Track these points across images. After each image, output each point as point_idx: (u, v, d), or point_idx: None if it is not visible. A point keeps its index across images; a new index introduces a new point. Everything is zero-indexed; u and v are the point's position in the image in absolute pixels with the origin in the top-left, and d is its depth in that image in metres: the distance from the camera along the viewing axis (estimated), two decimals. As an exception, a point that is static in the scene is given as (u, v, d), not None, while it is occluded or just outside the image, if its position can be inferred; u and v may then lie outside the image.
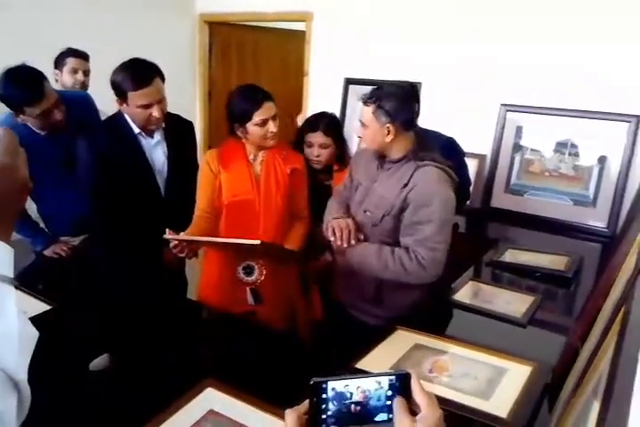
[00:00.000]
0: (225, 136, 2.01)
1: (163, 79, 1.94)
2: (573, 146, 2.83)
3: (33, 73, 1.90)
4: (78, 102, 2.18)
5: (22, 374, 0.56)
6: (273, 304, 1.98)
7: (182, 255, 1.75)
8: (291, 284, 2.06)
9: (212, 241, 1.82)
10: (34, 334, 0.61)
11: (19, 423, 0.56)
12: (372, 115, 1.64)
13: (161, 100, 1.93)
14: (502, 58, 2.94)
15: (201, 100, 4.31)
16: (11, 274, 0.61)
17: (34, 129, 2.01)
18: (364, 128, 1.69)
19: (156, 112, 1.90)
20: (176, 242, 1.70)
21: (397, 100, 1.64)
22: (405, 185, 1.65)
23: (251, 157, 1.95)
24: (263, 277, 1.94)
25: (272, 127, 1.86)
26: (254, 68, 4.48)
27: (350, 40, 3.48)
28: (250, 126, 1.85)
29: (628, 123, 2.67)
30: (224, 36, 4.28)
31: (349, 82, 3.52)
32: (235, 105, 1.89)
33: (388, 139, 1.66)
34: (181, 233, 1.73)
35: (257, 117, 1.83)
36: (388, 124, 1.63)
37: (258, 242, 1.63)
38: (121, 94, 1.89)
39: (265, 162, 1.95)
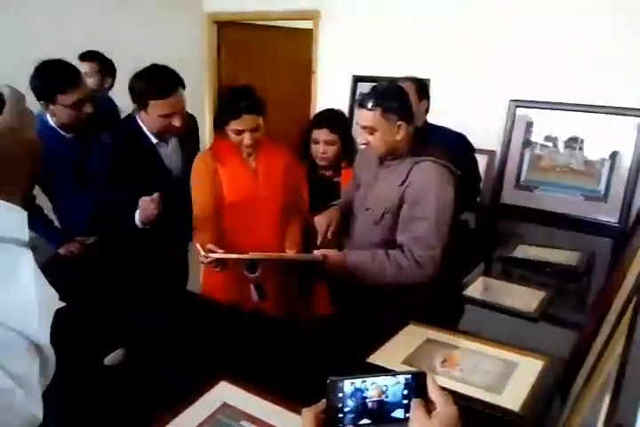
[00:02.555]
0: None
1: (184, 87, 1.89)
2: (584, 141, 2.82)
3: (69, 65, 1.93)
4: (100, 103, 2.19)
5: (44, 338, 0.56)
6: (277, 299, 1.99)
7: (217, 269, 1.75)
8: (292, 279, 2.07)
9: (269, 257, 1.75)
10: (53, 295, 0.61)
11: (42, 388, 0.57)
12: (380, 118, 1.63)
13: (182, 109, 1.89)
14: (511, 53, 2.93)
15: (210, 100, 4.34)
16: (25, 237, 0.60)
17: (59, 131, 2.02)
18: (370, 133, 1.67)
19: (177, 122, 1.87)
20: (214, 258, 1.68)
21: (399, 97, 1.67)
22: (404, 182, 1.66)
23: (244, 154, 1.94)
24: (266, 273, 1.93)
25: (246, 139, 1.82)
26: (263, 67, 4.49)
27: (358, 38, 3.48)
28: (227, 130, 1.84)
29: (639, 117, 2.66)
30: (232, 36, 4.29)
31: (358, 79, 3.52)
32: (219, 106, 1.88)
33: (399, 136, 1.66)
34: (209, 245, 1.72)
35: (233, 126, 1.81)
36: (399, 122, 1.64)
37: (321, 257, 1.63)
38: (141, 102, 1.84)
39: (259, 157, 1.95)
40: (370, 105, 1.64)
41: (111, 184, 1.92)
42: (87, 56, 2.91)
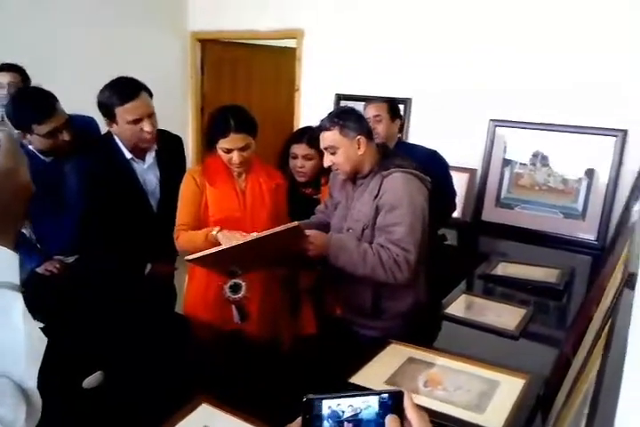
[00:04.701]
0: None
1: (150, 94, 1.93)
2: (562, 160, 2.87)
3: (44, 93, 1.94)
4: (84, 126, 2.18)
5: (31, 382, 0.56)
6: (259, 321, 1.95)
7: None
8: (276, 299, 2.05)
9: (248, 241, 1.59)
10: (41, 338, 0.61)
11: None
12: (339, 135, 1.72)
13: (151, 115, 1.91)
14: (491, 74, 2.99)
15: (193, 117, 4.35)
16: (17, 280, 0.60)
17: (39, 155, 2.01)
18: (333, 153, 1.74)
19: (147, 127, 1.89)
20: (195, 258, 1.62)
21: (354, 115, 1.75)
22: (377, 195, 1.72)
23: (235, 173, 1.94)
24: (249, 294, 1.91)
25: (235, 158, 1.83)
26: (246, 85, 4.53)
27: (341, 56, 3.53)
28: (217, 149, 1.86)
29: (615, 137, 2.72)
30: (216, 54, 4.33)
31: (340, 98, 3.56)
32: (208, 126, 1.90)
33: (361, 151, 1.73)
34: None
35: (222, 144, 1.82)
36: (358, 137, 1.72)
37: (296, 223, 1.59)
38: (109, 112, 1.88)
39: (250, 178, 1.96)
40: (327, 125, 1.73)
41: (87, 206, 1.96)
42: (7, 67, 2.88)
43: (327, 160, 1.78)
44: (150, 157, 2.06)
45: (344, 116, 1.74)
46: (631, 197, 2.12)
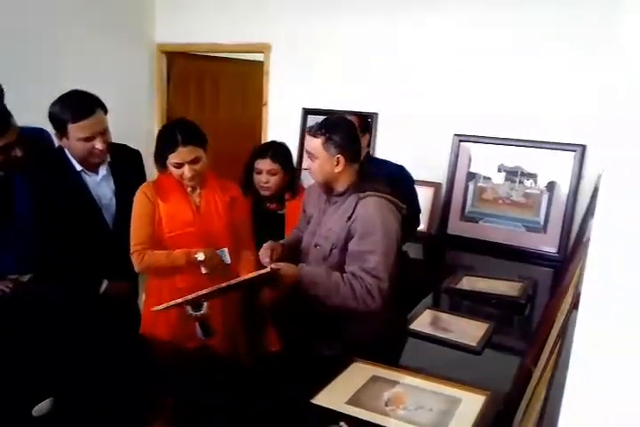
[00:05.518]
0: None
1: (105, 111, 1.90)
2: (523, 174, 2.94)
3: None
4: (35, 139, 2.13)
5: None
6: (222, 336, 1.93)
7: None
8: (235, 314, 2.04)
9: (219, 287, 1.60)
10: None
11: None
12: (321, 146, 1.70)
13: (104, 132, 1.88)
14: (456, 90, 3.04)
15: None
16: None
17: None
18: (312, 159, 1.74)
19: (98, 144, 1.86)
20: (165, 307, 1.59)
21: (346, 133, 1.73)
22: (350, 217, 1.70)
23: (189, 189, 1.92)
24: (211, 310, 1.88)
25: (186, 172, 1.81)
26: (213, 98, 4.51)
27: (308, 71, 3.54)
28: (168, 164, 1.84)
29: (574, 152, 2.80)
30: (182, 66, 4.29)
31: (307, 112, 3.58)
32: (157, 141, 1.88)
33: (337, 169, 1.72)
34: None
35: (172, 159, 1.81)
36: (338, 155, 1.70)
37: (273, 266, 1.59)
38: (60, 127, 1.84)
39: (204, 192, 1.94)
40: (314, 132, 1.72)
41: (38, 222, 1.90)
42: None
43: (307, 163, 1.78)
44: (103, 169, 2.02)
45: (334, 129, 1.71)
46: (588, 212, 2.18)
